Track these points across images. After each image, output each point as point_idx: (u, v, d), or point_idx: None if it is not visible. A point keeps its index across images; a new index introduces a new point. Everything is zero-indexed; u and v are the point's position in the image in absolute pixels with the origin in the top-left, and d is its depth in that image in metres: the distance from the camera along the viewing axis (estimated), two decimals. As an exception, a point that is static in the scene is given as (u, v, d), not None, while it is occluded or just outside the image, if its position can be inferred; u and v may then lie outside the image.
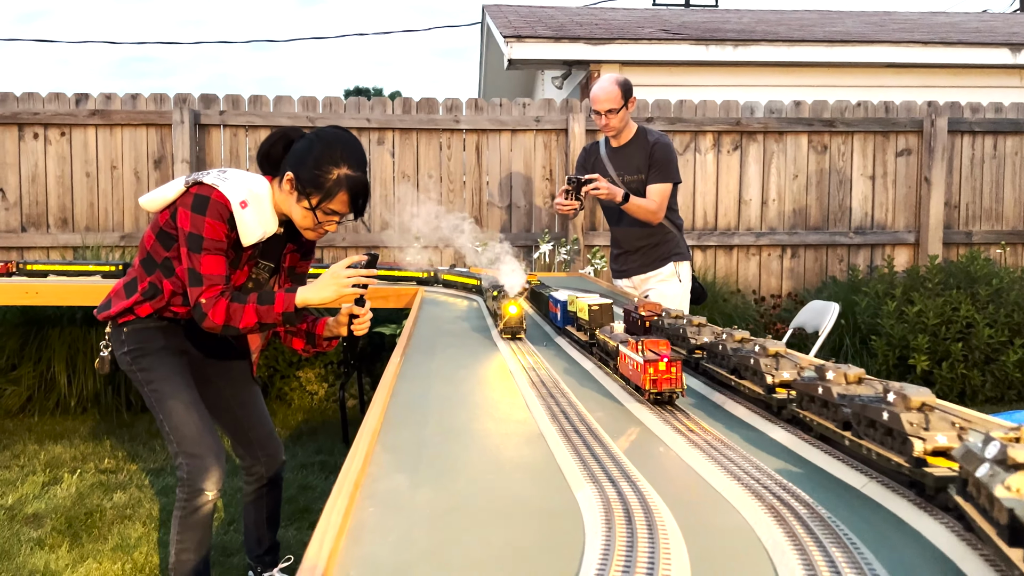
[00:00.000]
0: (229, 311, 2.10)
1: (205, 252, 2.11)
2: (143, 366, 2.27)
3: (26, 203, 5.91)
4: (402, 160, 6.14)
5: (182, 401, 2.23)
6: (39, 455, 4.12)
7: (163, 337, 2.29)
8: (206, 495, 2.22)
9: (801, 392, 1.32)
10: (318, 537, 0.90)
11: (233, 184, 2.15)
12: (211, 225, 2.10)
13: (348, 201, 2.15)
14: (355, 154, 2.16)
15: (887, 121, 6.41)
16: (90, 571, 2.82)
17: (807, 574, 0.83)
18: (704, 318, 1.89)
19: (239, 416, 2.49)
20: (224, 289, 2.12)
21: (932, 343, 5.02)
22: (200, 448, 2.21)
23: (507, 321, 2.27)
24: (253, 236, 2.15)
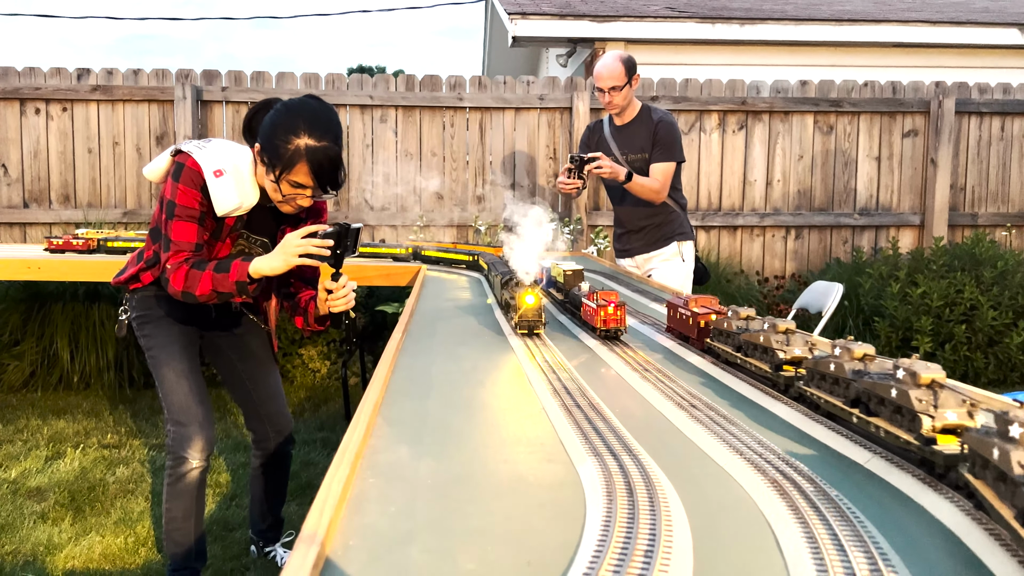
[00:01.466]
0: (188, 277, 2.09)
1: (176, 219, 2.12)
2: (145, 332, 2.33)
3: (28, 179, 5.89)
4: (405, 138, 6.10)
5: (174, 370, 2.27)
6: (42, 430, 4.14)
7: (166, 306, 2.32)
8: (190, 463, 2.25)
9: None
10: (318, 506, 0.89)
11: (210, 153, 2.14)
12: (183, 192, 2.11)
13: (309, 172, 2.03)
14: (319, 124, 2.03)
15: (894, 101, 6.35)
16: (93, 545, 2.83)
17: (810, 547, 0.82)
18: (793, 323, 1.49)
19: (250, 389, 2.51)
20: (189, 256, 2.11)
21: (935, 325, 5.00)
22: (186, 416, 2.25)
23: (523, 314, 1.97)
24: (227, 206, 2.12)
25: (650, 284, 3.42)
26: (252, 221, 2.27)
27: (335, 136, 2.06)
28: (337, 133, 2.07)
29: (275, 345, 2.53)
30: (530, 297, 1.96)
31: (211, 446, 2.30)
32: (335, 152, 2.04)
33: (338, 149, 2.06)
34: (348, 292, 2.16)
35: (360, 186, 6.08)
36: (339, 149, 2.06)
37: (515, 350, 1.96)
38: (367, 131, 6.07)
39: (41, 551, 2.79)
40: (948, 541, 0.87)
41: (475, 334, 2.21)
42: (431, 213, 6.09)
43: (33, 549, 2.80)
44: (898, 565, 0.78)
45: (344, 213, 6.02)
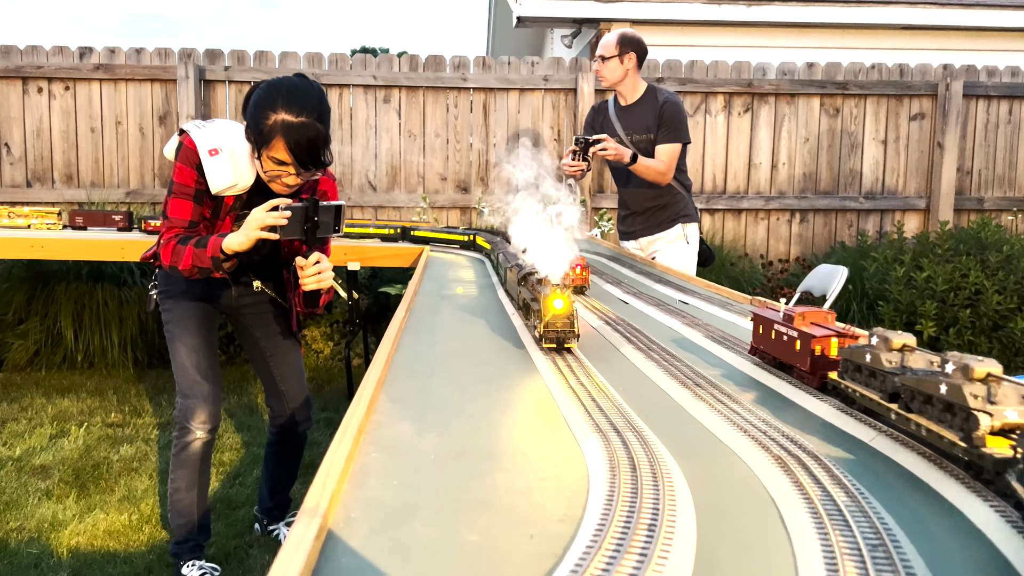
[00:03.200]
0: (174, 252, 2.14)
1: (173, 195, 2.18)
2: (166, 307, 2.40)
3: (31, 158, 5.88)
4: (408, 119, 6.07)
5: (186, 344, 2.33)
6: (46, 408, 4.15)
7: (187, 282, 2.36)
8: (194, 433, 2.31)
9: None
10: (320, 479, 0.89)
11: (208, 132, 2.16)
12: (180, 169, 2.15)
13: (286, 148, 2.01)
14: (297, 100, 2.00)
15: (901, 84, 6.30)
16: (97, 521, 2.85)
17: (814, 523, 0.82)
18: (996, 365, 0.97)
19: (271, 368, 2.55)
20: (180, 232, 2.18)
21: (940, 309, 4.99)
22: (191, 389, 2.31)
23: (550, 322, 1.55)
24: (221, 184, 2.14)
25: (654, 267, 3.41)
26: (252, 201, 2.27)
27: (317, 113, 2.03)
28: (320, 111, 2.04)
29: (294, 324, 2.54)
30: (559, 301, 1.53)
31: (215, 420, 2.34)
32: (314, 129, 2.00)
33: (319, 127, 2.03)
34: (319, 271, 2.11)
35: (363, 167, 6.06)
36: (320, 127, 2.03)
37: (519, 330, 1.95)
38: (370, 112, 6.04)
39: (46, 528, 2.80)
40: (952, 517, 0.86)
41: (479, 313, 2.21)
42: (435, 195, 6.07)
43: (38, 526, 2.82)
44: (903, 541, 0.78)
45: (348, 195, 6.00)
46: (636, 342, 1.77)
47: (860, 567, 0.70)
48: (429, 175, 6.11)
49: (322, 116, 2.04)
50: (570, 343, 1.57)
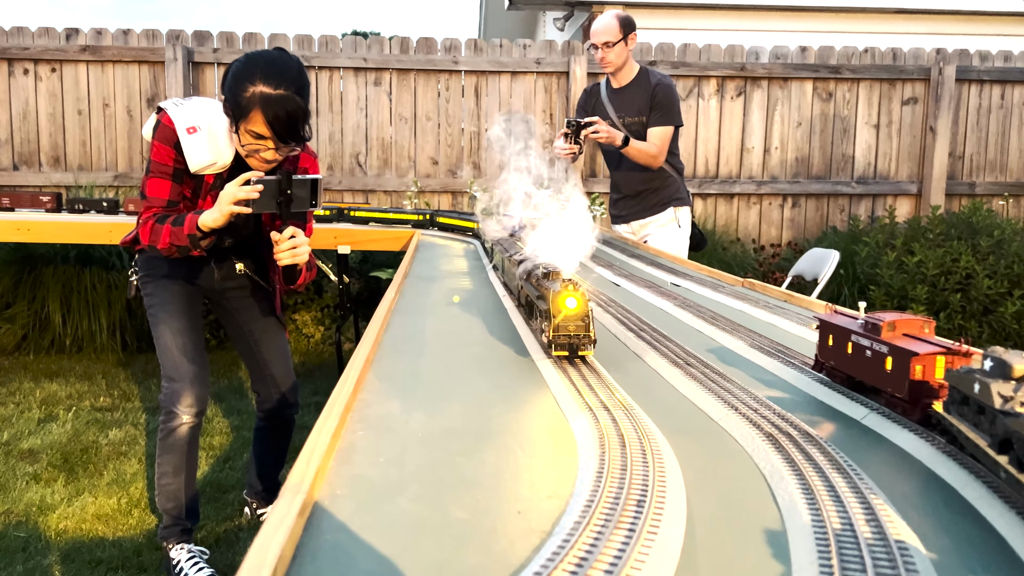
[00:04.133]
0: (152, 231, 2.11)
1: (151, 175, 2.15)
2: (148, 291, 2.37)
3: (17, 141, 5.81)
4: (399, 102, 6.02)
5: (171, 327, 2.31)
6: (35, 392, 4.12)
7: (169, 266, 2.34)
8: (180, 418, 2.29)
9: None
10: (305, 456, 0.88)
11: (186, 110, 2.13)
12: (157, 148, 2.12)
13: (264, 121, 1.98)
14: (275, 71, 1.97)
15: (894, 68, 6.28)
16: (85, 505, 2.83)
17: (806, 499, 0.81)
18: None
19: (257, 351, 2.53)
20: (158, 212, 2.15)
21: (931, 294, 5.00)
22: (177, 373, 2.28)
23: (560, 324, 1.31)
24: (199, 162, 2.11)
25: (646, 250, 3.40)
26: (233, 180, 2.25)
27: (296, 86, 1.99)
28: (299, 84, 2.01)
29: (278, 307, 2.51)
30: (571, 300, 1.31)
31: (201, 403, 2.32)
32: (292, 102, 1.98)
33: (297, 100, 1.98)
34: (293, 245, 2.08)
35: (354, 150, 6.02)
36: (299, 100, 2.00)
37: (508, 311, 1.94)
38: (361, 94, 5.98)
39: (34, 511, 2.78)
40: (944, 493, 0.85)
41: (470, 294, 2.19)
42: (426, 179, 6.03)
43: (26, 509, 2.80)
44: (895, 517, 0.77)
45: (339, 178, 5.96)
46: (627, 323, 1.76)
47: (852, 543, 0.69)
48: (420, 159, 6.07)
49: (301, 89, 2.01)
50: (585, 350, 1.33)
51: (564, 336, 1.32)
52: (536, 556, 0.68)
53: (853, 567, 0.64)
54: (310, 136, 2.12)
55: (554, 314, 1.32)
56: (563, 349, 1.33)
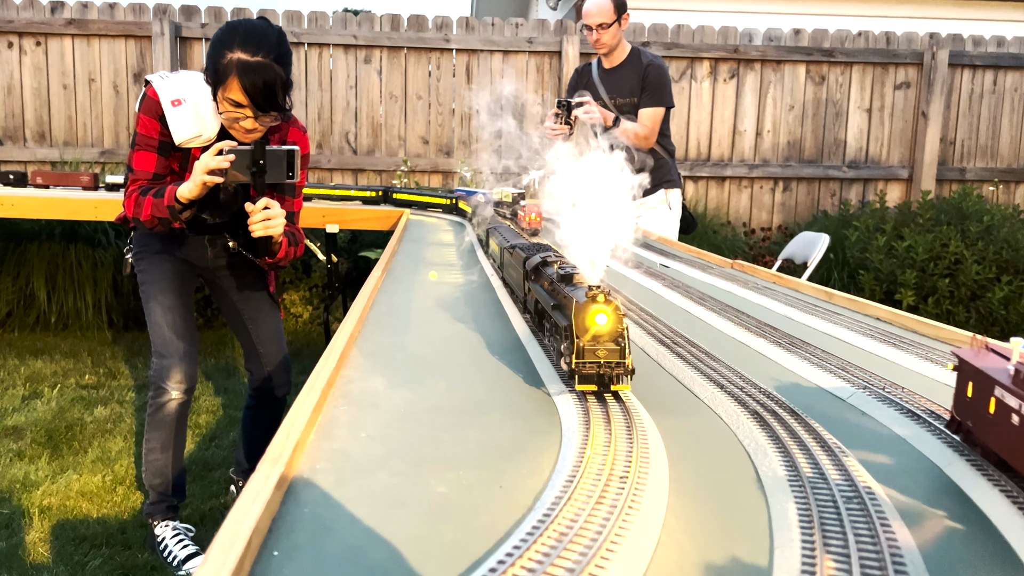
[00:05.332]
0: (136, 203, 2.11)
1: (136, 148, 2.14)
2: (141, 268, 2.35)
3: (2, 115, 5.73)
4: (390, 80, 5.97)
5: (161, 304, 2.29)
6: (19, 369, 4.09)
7: (161, 243, 2.32)
8: (169, 394, 2.27)
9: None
10: (284, 430, 0.86)
11: (171, 83, 2.11)
12: (143, 121, 2.11)
13: (240, 88, 1.96)
14: (253, 38, 1.96)
15: (888, 52, 6.26)
16: (70, 482, 2.82)
17: (789, 476, 0.80)
18: None
19: (250, 330, 2.51)
20: (144, 184, 2.14)
21: (919, 279, 5.01)
22: (166, 349, 2.27)
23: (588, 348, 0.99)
24: (184, 135, 2.09)
25: (636, 231, 3.39)
26: None
27: (275, 54, 1.97)
28: (279, 53, 1.99)
29: (272, 286, 2.49)
30: (601, 316, 0.98)
31: (190, 380, 2.31)
32: (270, 70, 1.96)
33: (276, 68, 1.96)
34: (266, 216, 2.05)
35: (343, 128, 5.96)
36: (277, 68, 1.98)
37: (496, 290, 1.92)
38: (351, 72, 5.92)
39: (17, 488, 2.77)
40: (931, 470, 0.85)
41: (458, 273, 2.18)
42: (416, 158, 5.99)
43: (9, 486, 2.78)
44: (878, 494, 0.76)
45: (327, 156, 5.91)
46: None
47: (835, 518, 0.68)
48: (410, 138, 6.03)
49: (280, 58, 1.99)
50: (620, 383, 1.00)
51: (592, 364, 0.99)
52: (516, 530, 0.67)
53: (836, 543, 0.64)
54: (291, 107, 2.09)
55: (578, 333, 0.99)
56: (590, 382, 1.00)
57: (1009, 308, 4.98)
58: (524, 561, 0.59)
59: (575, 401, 1.02)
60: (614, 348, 0.99)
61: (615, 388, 1.01)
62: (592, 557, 0.60)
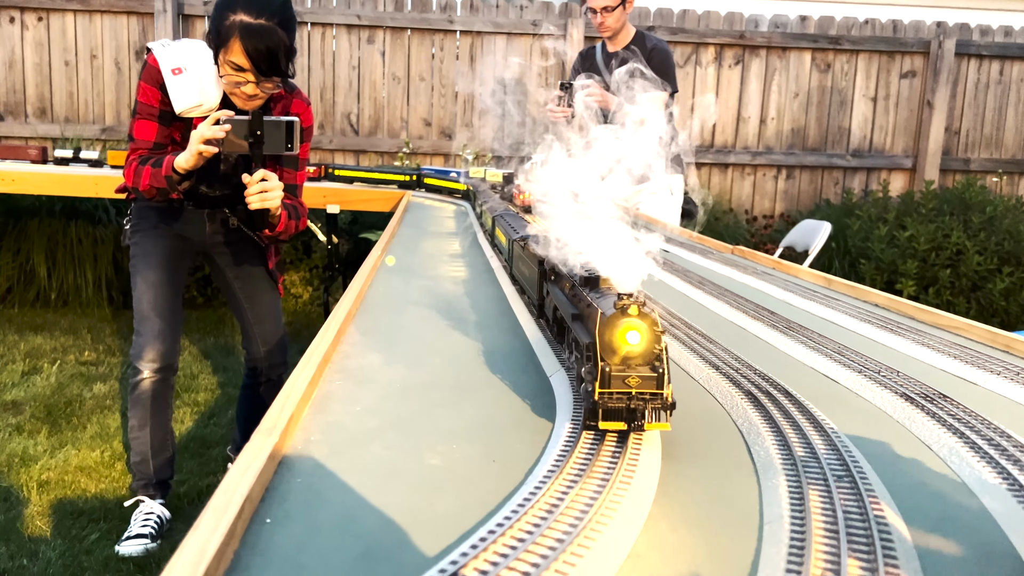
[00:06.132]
0: (135, 172, 2.08)
1: (137, 116, 2.12)
2: (134, 241, 2.32)
3: (3, 91, 5.71)
4: (393, 61, 5.94)
5: (146, 279, 2.26)
6: (19, 345, 4.10)
7: (157, 217, 2.29)
8: (141, 373, 2.23)
9: None
10: (279, 402, 0.87)
11: (172, 51, 2.08)
12: (143, 89, 2.10)
13: (242, 50, 1.93)
14: (258, 2, 1.94)
15: (894, 41, 6.22)
16: (69, 457, 2.83)
17: (781, 455, 0.80)
18: None
19: (246, 309, 2.48)
20: (144, 154, 2.09)
21: (921, 269, 5.01)
22: (144, 326, 2.24)
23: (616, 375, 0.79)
24: (185, 104, 2.06)
25: (637, 217, 3.38)
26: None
27: (279, 18, 1.95)
28: (283, 17, 1.96)
29: (271, 265, 2.45)
30: (634, 334, 0.79)
31: (165, 359, 2.25)
32: (273, 33, 1.94)
33: (279, 32, 1.94)
34: (263, 188, 2.00)
35: (345, 109, 5.94)
36: (281, 33, 1.94)
37: (495, 272, 1.92)
38: (353, 52, 5.89)
39: (16, 462, 2.78)
40: (919, 451, 0.85)
41: (457, 253, 2.18)
42: (418, 140, 5.97)
43: (8, 460, 2.80)
44: (868, 472, 0.76)
45: (329, 137, 5.89)
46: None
47: (825, 495, 0.68)
48: (413, 120, 6.00)
49: (284, 22, 1.97)
50: (657, 423, 0.80)
51: (621, 396, 0.78)
52: (507, 502, 0.68)
53: (826, 520, 0.64)
54: (294, 73, 2.07)
55: (604, 355, 0.79)
56: (617, 418, 0.79)
57: (1009, 299, 4.97)
58: (514, 531, 0.60)
59: (570, 381, 1.02)
60: (650, 375, 0.78)
61: (651, 428, 0.80)
62: (581, 530, 0.60)
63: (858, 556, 0.58)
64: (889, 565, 0.57)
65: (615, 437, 0.81)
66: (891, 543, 0.60)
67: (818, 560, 0.57)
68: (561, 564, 0.56)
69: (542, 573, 0.55)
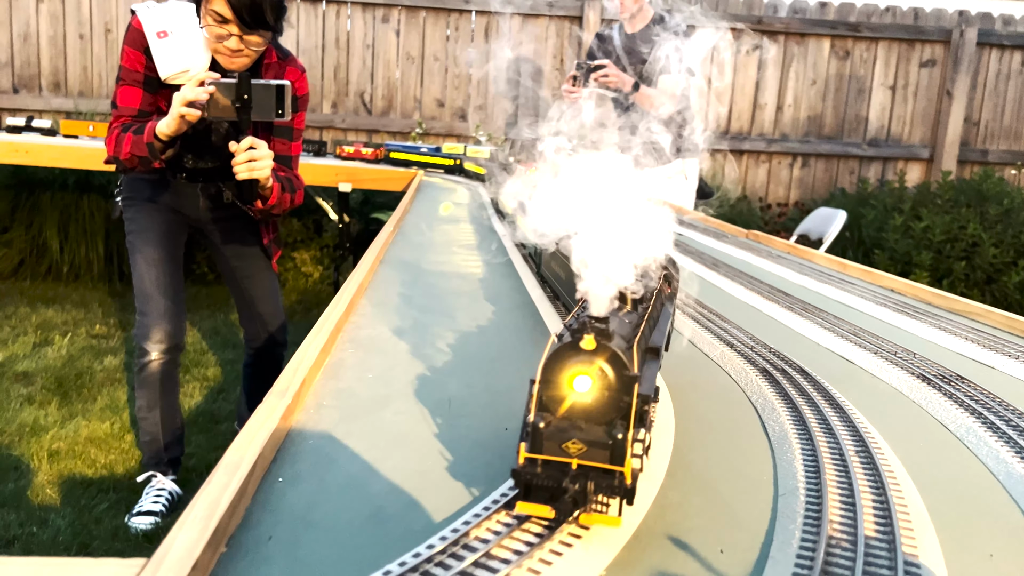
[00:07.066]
0: (117, 140, 1.96)
1: (121, 82, 2.01)
2: (128, 216, 2.24)
3: (18, 63, 5.71)
4: (407, 40, 5.90)
5: (146, 257, 2.17)
6: (31, 317, 4.12)
7: (151, 190, 2.18)
8: (150, 355, 2.16)
9: None
10: (291, 368, 0.86)
11: (157, 13, 1.95)
12: (127, 53, 1.98)
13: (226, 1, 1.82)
14: None
15: (914, 29, 6.14)
16: (79, 428, 2.85)
17: (796, 429, 0.79)
18: None
19: (244, 288, 2.35)
20: (127, 122, 1.98)
21: (935, 260, 4.96)
22: (147, 306, 2.15)
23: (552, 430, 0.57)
24: (170, 69, 1.94)
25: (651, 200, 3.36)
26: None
27: None
28: None
29: (266, 238, 2.35)
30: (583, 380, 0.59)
31: (173, 339, 2.18)
32: None
33: None
34: (252, 157, 1.85)
35: (359, 88, 5.92)
36: None
37: (508, 251, 1.90)
38: (368, 31, 5.86)
39: (27, 432, 2.80)
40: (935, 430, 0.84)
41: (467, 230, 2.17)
42: (431, 121, 5.95)
43: (19, 430, 2.82)
44: (886, 449, 0.75)
45: (342, 117, 5.87)
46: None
47: (840, 469, 0.67)
48: (426, 100, 5.97)
49: None
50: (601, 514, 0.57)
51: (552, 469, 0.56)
52: (519, 468, 0.67)
53: (842, 491, 0.63)
54: (282, 30, 1.96)
55: (549, 402, 0.60)
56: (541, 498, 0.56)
57: (1024, 293, 4.93)
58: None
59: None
60: (600, 442, 0.55)
61: (590, 520, 0.56)
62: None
63: (875, 527, 0.57)
64: (906, 537, 0.56)
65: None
66: (908, 516, 0.59)
67: (834, 532, 0.56)
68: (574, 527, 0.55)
69: (553, 536, 0.54)
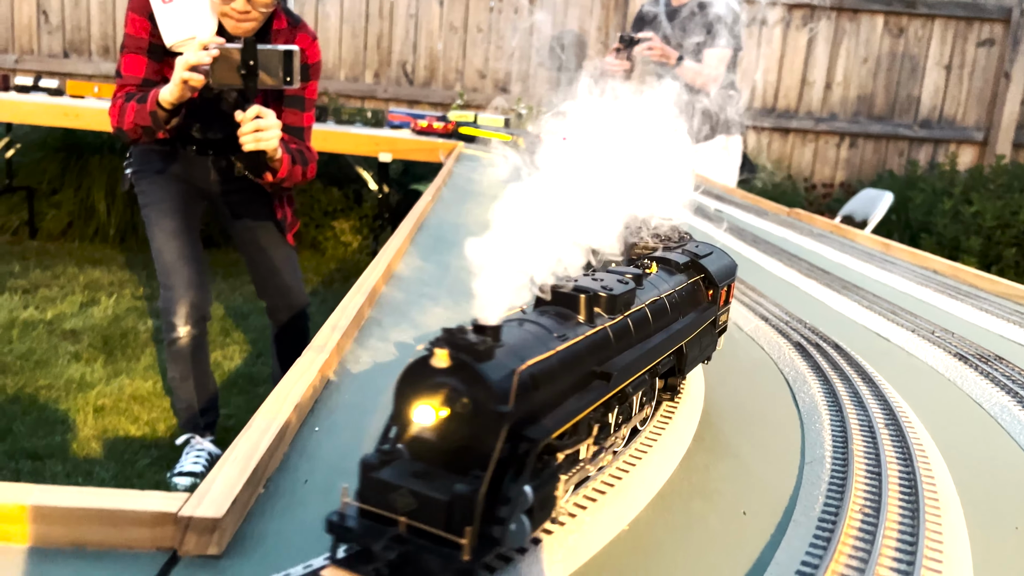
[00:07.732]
0: (121, 110, 1.90)
1: (125, 50, 1.96)
2: (141, 188, 2.18)
3: (68, 28, 5.82)
4: (451, 11, 5.88)
5: (164, 229, 2.12)
6: (78, 277, 4.24)
7: (162, 161, 2.14)
8: (177, 330, 2.12)
9: None
10: (329, 324, 0.88)
11: None
12: (131, 20, 1.94)
13: None
14: None
15: (973, 6, 5.93)
16: (123, 386, 2.94)
17: (827, 400, 0.79)
18: None
19: (259, 260, 2.31)
20: (132, 91, 1.92)
21: (984, 246, 4.83)
22: (172, 279, 2.11)
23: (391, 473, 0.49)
24: (175, 36, 1.89)
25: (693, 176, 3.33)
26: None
27: None
28: None
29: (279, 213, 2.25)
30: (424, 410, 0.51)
31: (199, 310, 2.13)
32: None
33: None
34: (258, 127, 1.76)
35: (401, 59, 5.92)
36: None
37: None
38: (411, 1, 5.85)
39: (73, 388, 2.90)
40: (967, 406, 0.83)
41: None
42: (473, 93, 5.93)
43: (66, 385, 2.91)
44: (916, 422, 0.75)
45: (384, 87, 5.89)
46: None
47: (869, 440, 0.67)
48: (468, 72, 5.96)
49: None
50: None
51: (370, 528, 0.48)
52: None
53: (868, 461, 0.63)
54: None
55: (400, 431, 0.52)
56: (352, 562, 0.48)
57: (1076, 282, 4.78)
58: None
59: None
60: (434, 500, 0.45)
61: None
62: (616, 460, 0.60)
63: (899, 499, 0.57)
64: (931, 507, 0.56)
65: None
66: (934, 488, 0.59)
67: (857, 498, 0.56)
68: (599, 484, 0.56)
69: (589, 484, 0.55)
